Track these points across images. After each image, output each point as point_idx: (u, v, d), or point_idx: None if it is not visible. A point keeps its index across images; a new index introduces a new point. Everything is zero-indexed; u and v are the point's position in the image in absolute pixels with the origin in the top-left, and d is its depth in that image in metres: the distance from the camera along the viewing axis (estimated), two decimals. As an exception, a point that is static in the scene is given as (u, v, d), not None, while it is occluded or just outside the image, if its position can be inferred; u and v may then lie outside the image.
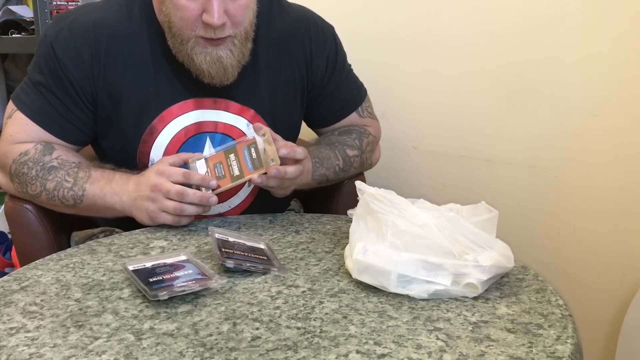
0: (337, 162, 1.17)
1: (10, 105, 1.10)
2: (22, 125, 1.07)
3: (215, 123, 1.11)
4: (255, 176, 1.01)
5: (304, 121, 1.27)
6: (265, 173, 1.02)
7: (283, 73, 1.16)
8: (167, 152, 1.09)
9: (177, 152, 1.09)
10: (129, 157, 1.09)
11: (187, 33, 1.01)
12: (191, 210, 1.00)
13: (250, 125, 1.11)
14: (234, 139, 1.11)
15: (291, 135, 1.23)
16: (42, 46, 1.07)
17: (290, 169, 1.02)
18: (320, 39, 1.19)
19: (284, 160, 1.03)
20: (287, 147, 1.03)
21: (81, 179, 1.04)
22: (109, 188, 1.03)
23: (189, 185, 1.00)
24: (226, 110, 1.12)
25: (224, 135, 1.12)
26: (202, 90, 1.09)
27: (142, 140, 1.09)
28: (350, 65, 1.28)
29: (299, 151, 1.04)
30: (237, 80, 1.09)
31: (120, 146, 1.10)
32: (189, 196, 0.98)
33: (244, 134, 1.12)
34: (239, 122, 1.13)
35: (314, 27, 1.19)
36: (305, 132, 1.31)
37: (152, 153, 1.09)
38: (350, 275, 0.82)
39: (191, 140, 1.10)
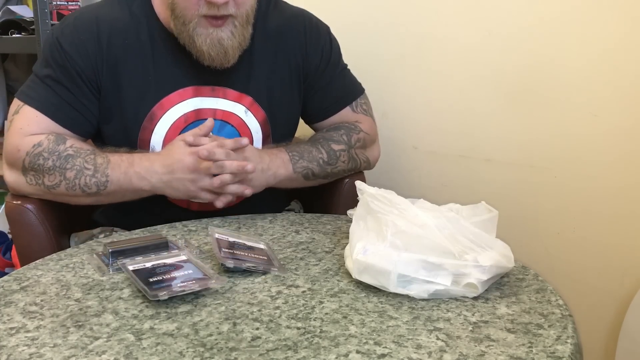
0: (320, 155, 1.18)
1: (16, 102, 1.11)
2: (31, 117, 1.09)
3: (214, 110, 1.14)
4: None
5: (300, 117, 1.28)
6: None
7: (279, 63, 1.19)
8: (167, 139, 1.12)
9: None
10: (130, 146, 1.12)
11: (190, 13, 1.05)
12: (233, 189, 1.05)
13: None
14: (232, 126, 1.15)
15: (289, 124, 1.25)
16: (49, 42, 1.12)
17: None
18: (315, 32, 1.24)
19: None
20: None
21: (101, 165, 1.06)
22: (133, 172, 1.05)
23: None
24: (224, 97, 1.15)
25: (223, 121, 1.15)
26: (200, 78, 1.13)
27: (142, 127, 1.11)
28: (346, 65, 1.30)
29: (219, 151, 1.03)
30: (235, 69, 1.13)
31: (122, 134, 1.13)
32: (227, 167, 1.02)
33: (242, 120, 1.16)
34: (237, 108, 1.16)
35: (309, 23, 1.25)
36: (305, 131, 1.31)
37: (152, 139, 1.12)
38: (350, 275, 0.82)
39: (190, 127, 1.12)
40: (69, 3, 1.89)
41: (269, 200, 1.21)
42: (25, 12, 2.21)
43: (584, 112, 1.23)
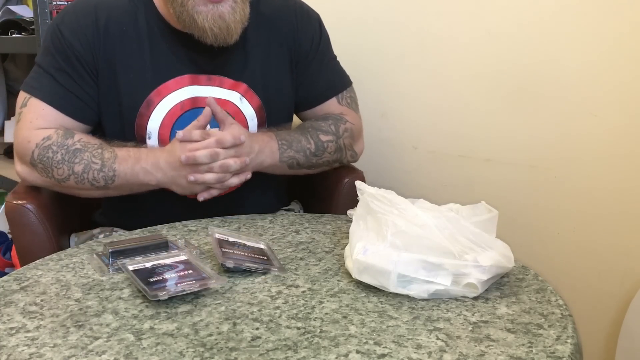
0: (308, 146, 1.18)
1: (22, 95, 1.13)
2: (38, 110, 1.10)
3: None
4: None
5: None
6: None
7: (273, 49, 1.21)
8: (163, 125, 1.13)
9: (172, 125, 1.13)
10: (127, 132, 1.13)
11: None
12: (235, 181, 1.08)
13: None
14: (228, 113, 1.15)
15: (285, 109, 1.26)
16: (50, 31, 1.14)
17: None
18: (306, 18, 1.26)
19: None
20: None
21: (108, 159, 1.07)
22: (139, 167, 1.07)
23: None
24: (220, 86, 1.16)
25: None
26: (197, 67, 1.15)
27: (139, 113, 1.13)
28: (335, 56, 1.31)
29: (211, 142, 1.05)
30: (230, 58, 1.15)
31: (119, 121, 1.14)
32: (232, 166, 1.05)
33: (238, 108, 1.17)
34: (232, 96, 1.17)
35: (300, 9, 1.27)
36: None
37: (149, 125, 1.13)
38: (350, 275, 0.82)
39: (187, 114, 1.14)
40: (69, 3, 1.89)
41: (268, 197, 1.22)
42: (25, 12, 2.21)
43: (584, 112, 1.23)
